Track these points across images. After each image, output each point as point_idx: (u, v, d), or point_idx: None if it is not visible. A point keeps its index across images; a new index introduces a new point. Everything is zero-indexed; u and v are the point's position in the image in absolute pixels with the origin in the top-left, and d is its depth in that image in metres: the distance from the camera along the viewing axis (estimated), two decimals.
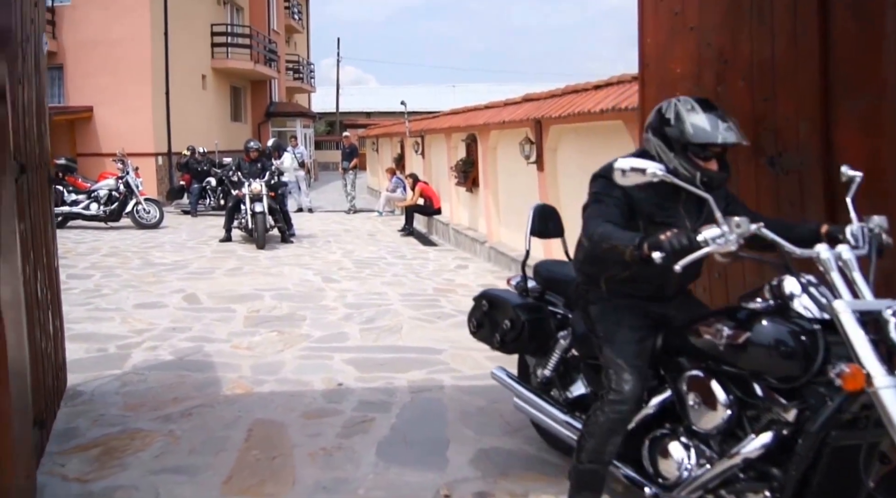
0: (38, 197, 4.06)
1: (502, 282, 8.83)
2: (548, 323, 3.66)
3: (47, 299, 4.15)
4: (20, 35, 3.60)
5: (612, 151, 6.88)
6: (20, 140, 3.53)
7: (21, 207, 3.48)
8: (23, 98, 3.64)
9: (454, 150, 12.89)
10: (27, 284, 3.50)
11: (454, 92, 53.03)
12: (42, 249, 4.09)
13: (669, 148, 2.80)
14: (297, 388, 4.89)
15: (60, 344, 4.54)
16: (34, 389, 3.46)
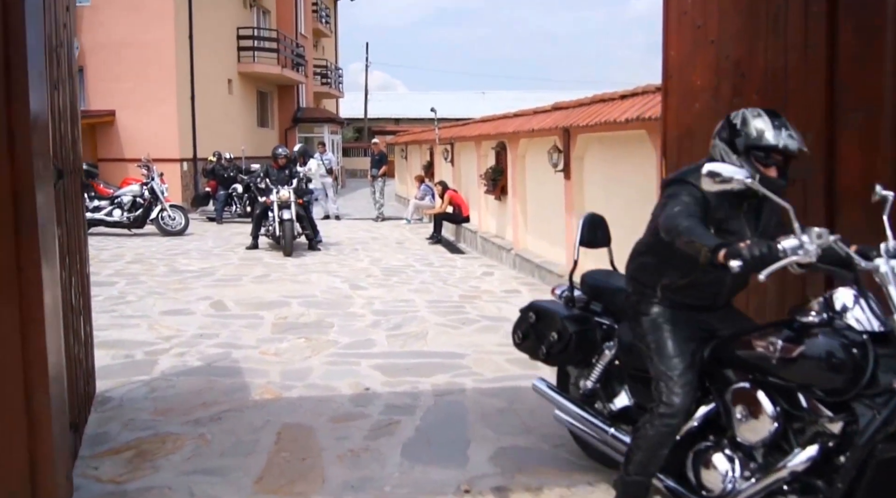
0: (73, 202, 4.28)
1: (526, 287, 9.18)
2: (594, 334, 3.72)
3: (80, 305, 4.35)
4: (54, 40, 3.81)
5: (635, 160, 7.11)
6: (57, 145, 3.75)
7: (58, 213, 3.69)
8: (58, 103, 3.85)
9: (484, 158, 13.07)
10: (63, 289, 3.70)
11: (483, 99, 53.38)
12: (76, 255, 4.30)
13: (733, 151, 2.92)
14: (324, 393, 5.06)
15: (91, 350, 4.74)
16: (68, 394, 3.66)
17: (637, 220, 7.02)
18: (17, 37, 2.87)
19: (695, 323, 3.09)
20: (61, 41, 4.01)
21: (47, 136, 3.31)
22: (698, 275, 2.96)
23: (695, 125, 5.23)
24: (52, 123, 3.63)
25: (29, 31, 2.93)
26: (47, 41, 3.52)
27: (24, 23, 2.89)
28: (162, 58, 19.69)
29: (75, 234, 4.30)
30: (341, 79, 40.12)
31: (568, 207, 8.82)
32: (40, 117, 3.13)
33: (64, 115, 4.09)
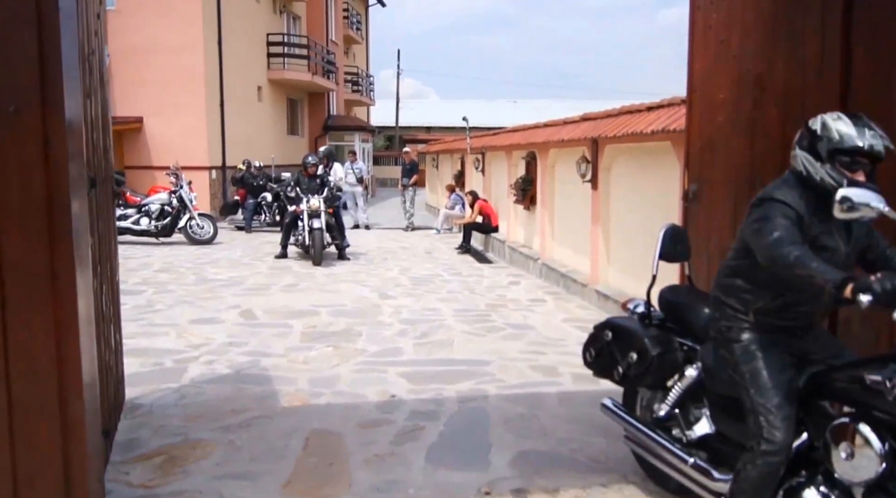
0: (105, 211, 4.46)
1: (551, 297, 9.29)
2: (676, 356, 3.57)
3: (110, 313, 4.52)
4: (87, 49, 3.98)
5: (660, 171, 7.21)
6: (90, 153, 3.91)
7: (91, 221, 3.85)
8: (90, 112, 4.02)
9: (514, 168, 13.20)
10: (95, 297, 3.86)
11: (515, 107, 53.65)
12: (107, 264, 4.47)
13: (817, 158, 2.85)
14: (352, 400, 5.20)
15: (120, 357, 4.92)
16: (100, 400, 3.81)
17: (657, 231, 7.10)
18: (53, 47, 3.02)
19: (787, 349, 3.00)
20: (93, 49, 4.19)
21: (81, 145, 3.47)
22: (792, 295, 2.89)
23: (716, 137, 5.34)
24: (86, 132, 3.80)
25: (64, 40, 3.08)
26: (80, 49, 3.70)
27: (60, 33, 3.04)
28: (190, 64, 19.94)
29: (106, 242, 4.48)
30: (372, 86, 40.44)
31: (594, 218, 8.91)
32: (75, 126, 3.28)
33: (96, 123, 4.26)
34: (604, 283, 8.71)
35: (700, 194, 5.60)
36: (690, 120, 5.83)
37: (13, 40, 2.96)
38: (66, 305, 3.08)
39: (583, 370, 5.90)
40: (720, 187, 5.31)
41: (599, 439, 4.51)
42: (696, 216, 5.67)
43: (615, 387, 5.45)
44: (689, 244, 3.93)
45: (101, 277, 4.14)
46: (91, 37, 4.19)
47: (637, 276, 7.94)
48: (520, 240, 12.91)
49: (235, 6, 22.00)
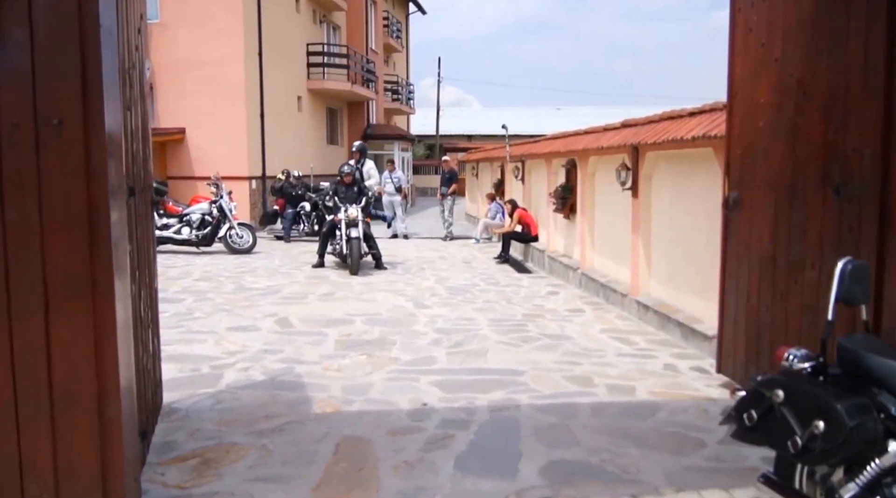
0: (143, 219, 4.65)
1: (590, 307, 9.34)
2: (877, 428, 2.81)
3: (148, 318, 4.71)
4: (127, 62, 4.18)
5: (701, 178, 7.25)
6: (129, 164, 4.11)
7: (130, 229, 4.04)
8: (130, 123, 4.22)
9: (554, 176, 13.26)
10: (133, 302, 4.04)
11: (558, 115, 53.75)
12: (146, 270, 4.66)
13: None
14: (384, 407, 5.32)
15: (158, 362, 5.10)
16: (137, 402, 3.99)
17: (702, 242, 7.18)
18: (94, 62, 3.20)
19: None
20: (133, 63, 4.38)
21: (121, 155, 3.65)
22: None
23: (758, 143, 5.38)
24: (125, 143, 3.99)
25: (104, 55, 3.26)
26: (120, 64, 3.89)
27: (100, 48, 3.22)
28: (231, 75, 20.38)
29: (145, 249, 4.66)
30: (412, 94, 40.76)
31: (635, 226, 8.95)
32: (115, 137, 3.46)
33: (136, 134, 4.45)
34: (644, 293, 8.74)
35: (741, 202, 5.65)
36: (731, 125, 5.88)
37: (57, 55, 3.15)
38: (104, 308, 3.25)
39: (618, 381, 6.03)
40: (761, 194, 5.35)
41: (631, 450, 4.56)
42: (737, 225, 5.71)
43: (651, 399, 5.56)
44: (869, 283, 3.24)
45: (139, 282, 4.33)
46: (132, 51, 4.39)
47: (678, 287, 7.97)
48: (559, 249, 12.97)
49: (276, 17, 22.41)
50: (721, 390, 5.70)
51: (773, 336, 5.12)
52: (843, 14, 4.45)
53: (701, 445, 4.64)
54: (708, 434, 4.81)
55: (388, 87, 36.13)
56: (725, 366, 5.81)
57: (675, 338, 7.50)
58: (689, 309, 7.63)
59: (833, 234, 4.50)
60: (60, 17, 3.18)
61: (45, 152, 3.16)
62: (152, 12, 20.86)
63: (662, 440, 4.72)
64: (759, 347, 5.29)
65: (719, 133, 6.34)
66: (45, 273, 3.17)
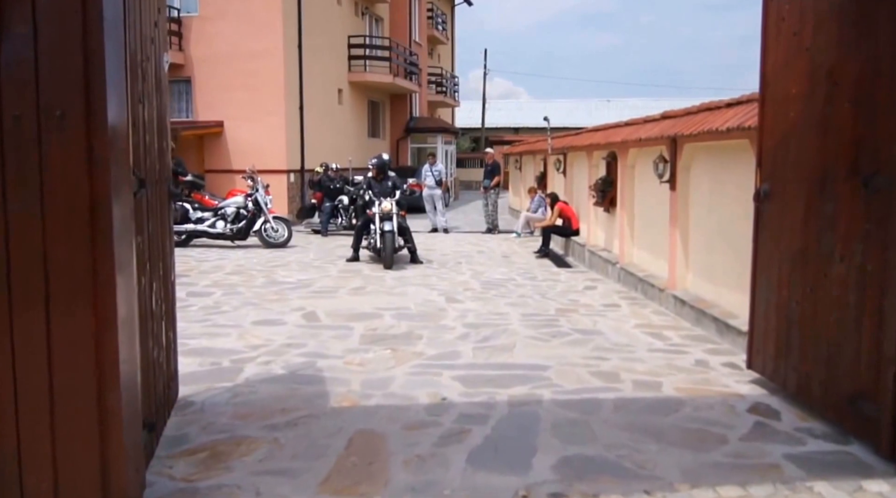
0: (157, 211, 4.72)
1: (627, 302, 9.40)
2: None
3: (162, 311, 4.78)
4: (140, 55, 4.26)
5: (738, 171, 7.15)
6: (140, 156, 4.18)
7: (140, 221, 4.11)
8: (143, 116, 4.29)
9: (595, 169, 13.18)
10: (142, 295, 4.12)
11: (608, 107, 53.32)
12: (159, 263, 4.73)
13: None
14: (402, 402, 5.35)
15: (173, 355, 5.17)
16: (144, 394, 4.07)
17: (739, 235, 7.07)
18: (97, 56, 3.26)
19: None
20: (147, 56, 4.46)
21: (126, 149, 3.72)
22: None
23: (789, 134, 5.30)
24: (136, 135, 4.07)
25: (108, 49, 3.32)
26: (131, 57, 3.96)
27: (103, 40, 3.28)
28: (270, 68, 20.61)
29: (159, 242, 4.73)
30: (457, 87, 40.80)
31: (672, 220, 8.85)
32: (119, 131, 3.52)
33: (150, 127, 4.52)
34: (682, 288, 8.65)
35: (772, 194, 5.56)
36: (763, 116, 5.80)
37: (59, 47, 3.22)
38: (105, 302, 3.32)
39: (645, 377, 5.99)
40: (792, 187, 5.26)
41: (650, 446, 4.51)
42: (768, 218, 5.62)
43: (677, 395, 5.50)
44: None
45: (150, 275, 4.40)
46: (146, 44, 4.46)
47: (714, 281, 7.86)
48: (600, 243, 12.88)
49: (316, 10, 22.59)
50: (751, 387, 5.62)
51: (803, 331, 5.04)
52: (873, 2, 4.36)
53: (722, 441, 4.58)
54: (731, 430, 4.75)
55: (432, 80, 36.19)
56: (756, 362, 5.72)
57: (710, 333, 7.41)
58: (725, 303, 7.53)
59: (861, 227, 4.42)
60: (63, 9, 3.24)
61: (47, 145, 3.23)
62: (192, 6, 21.25)
63: (683, 436, 4.67)
64: (790, 342, 5.20)
65: (753, 124, 6.25)
66: (46, 266, 3.25)
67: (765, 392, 5.49)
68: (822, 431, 4.75)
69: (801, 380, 5.07)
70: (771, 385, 5.53)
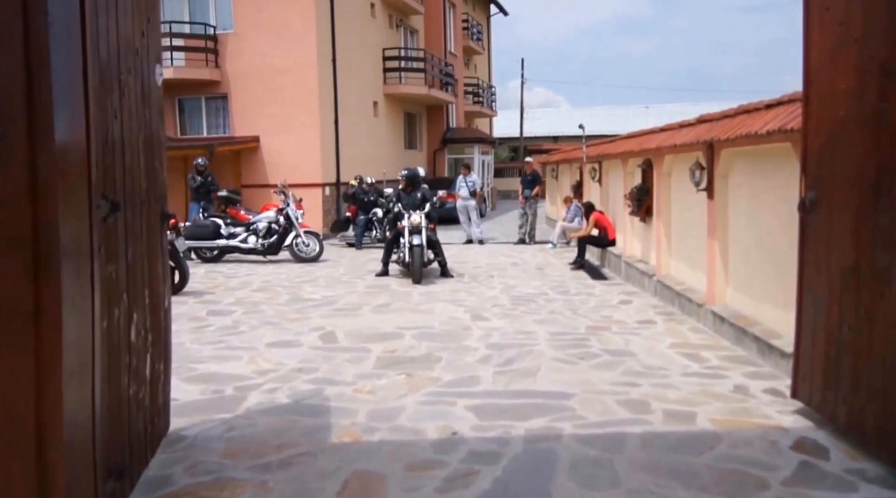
0: (141, 235, 4.27)
1: (662, 317, 8.87)
2: None
3: (146, 343, 4.33)
4: (117, 67, 3.84)
5: (781, 177, 6.53)
6: (114, 176, 3.74)
7: (113, 248, 3.68)
8: (119, 132, 3.85)
9: (630, 177, 12.58)
10: (114, 329, 3.69)
11: (647, 113, 52.46)
12: (143, 291, 4.28)
13: None
14: (408, 437, 4.84)
15: (162, 388, 4.72)
16: (113, 437, 3.64)
17: (782, 247, 6.46)
18: (42, 68, 2.82)
19: None
20: (129, 68, 4.04)
21: (85, 170, 3.28)
22: None
23: (837, 135, 4.71)
24: (109, 154, 3.64)
25: (57, 60, 2.89)
26: (101, 68, 3.55)
27: (49, 53, 2.85)
28: (304, 82, 20.32)
29: (143, 269, 4.29)
30: (494, 97, 40.33)
31: (710, 230, 8.24)
32: (72, 150, 3.08)
33: (131, 144, 4.08)
34: (721, 303, 8.04)
35: (818, 203, 4.97)
36: (807, 116, 5.20)
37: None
38: (48, 342, 2.87)
39: (677, 407, 5.40)
40: (842, 194, 4.67)
41: (679, 493, 3.94)
42: (815, 229, 5.03)
43: (712, 428, 4.92)
44: None
45: (127, 306, 3.97)
46: (126, 55, 4.03)
47: (756, 296, 7.25)
48: (636, 254, 12.26)
49: (350, 23, 22.32)
50: (795, 418, 5.01)
51: (856, 359, 4.42)
52: None
53: (762, 486, 3.99)
54: (772, 472, 4.15)
55: (468, 90, 35.78)
56: (801, 390, 5.11)
57: (751, 354, 6.80)
58: (767, 321, 6.92)
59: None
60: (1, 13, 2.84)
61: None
62: (227, 23, 21.13)
63: (718, 480, 4.08)
64: (839, 370, 4.60)
65: (796, 126, 5.65)
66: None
67: (811, 425, 4.88)
68: (875, 473, 4.13)
69: (853, 413, 4.46)
70: (818, 417, 4.91)
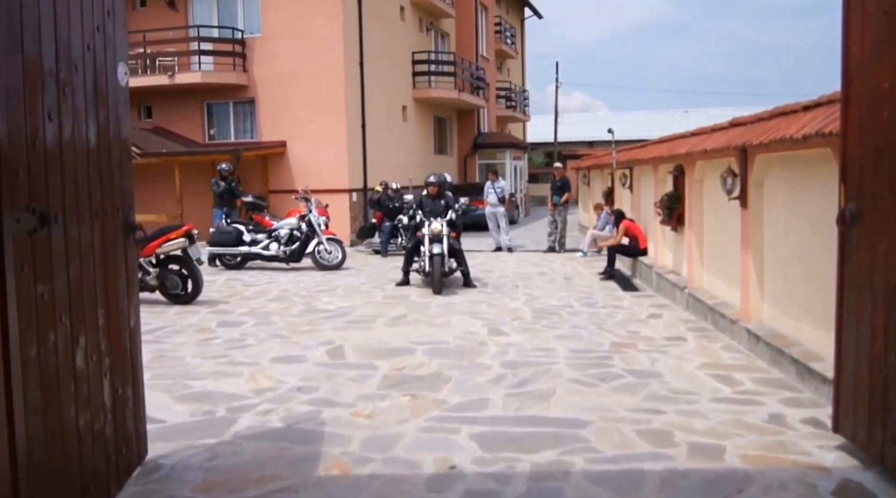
0: (91, 250, 3.82)
1: (694, 334, 8.29)
2: None
3: (101, 367, 3.89)
4: (54, 63, 3.42)
5: (820, 185, 5.95)
6: (45, 185, 3.31)
7: (44, 266, 3.25)
8: (56, 135, 3.43)
9: (661, 184, 12.02)
10: (49, 355, 3.27)
11: (686, 118, 51.49)
12: (95, 312, 3.84)
13: None
14: (402, 470, 4.37)
15: (134, 414, 4.29)
16: (52, 480, 3.24)
17: (819, 261, 5.90)
18: None
19: None
20: (75, 64, 3.63)
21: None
22: None
23: (882, 140, 4.18)
24: (38, 160, 3.22)
25: None
26: (29, 64, 3.14)
27: None
28: (331, 87, 20.00)
29: (93, 286, 3.83)
30: (527, 101, 39.75)
31: (744, 241, 7.67)
32: None
33: (74, 149, 3.62)
34: (756, 320, 7.47)
35: (860, 215, 4.43)
36: (847, 118, 4.65)
37: None
38: None
39: (704, 439, 4.85)
40: (887, 206, 4.12)
41: None
42: (856, 245, 4.49)
43: (742, 466, 4.40)
44: None
45: (71, 329, 3.52)
46: (70, 50, 3.59)
47: (794, 314, 6.69)
48: (668, 265, 11.69)
49: (379, 27, 21.99)
50: (837, 456, 4.47)
51: None
52: None
53: None
54: None
55: (500, 95, 35.27)
56: (844, 425, 4.56)
57: (789, 377, 6.25)
58: (807, 341, 6.35)
59: None
60: None
61: None
62: (255, 26, 20.91)
63: None
64: (888, 404, 4.05)
65: (835, 129, 5.11)
66: None
67: (856, 464, 4.33)
68: None
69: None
70: (863, 455, 4.37)
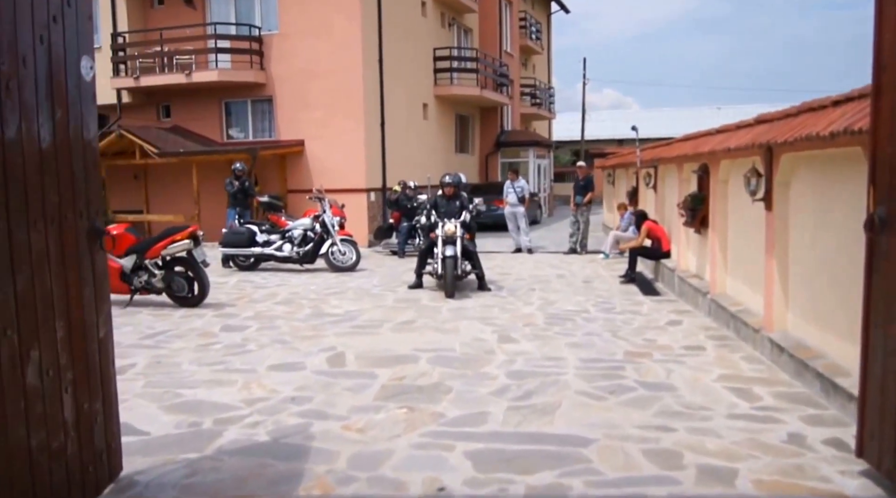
0: (47, 258, 3.57)
1: (714, 343, 7.93)
2: None
3: (60, 383, 3.63)
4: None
5: (851, 187, 5.57)
6: None
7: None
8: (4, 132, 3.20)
9: (686, 184, 11.63)
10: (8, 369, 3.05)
11: (718, 115, 50.75)
12: (52, 323, 3.59)
13: None
14: (386, 491, 4.10)
15: (105, 429, 4.04)
16: None
17: (849, 269, 5.54)
18: None
19: None
20: (22, 58, 3.36)
21: None
22: None
23: None
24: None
25: None
26: None
27: None
28: (349, 85, 19.76)
29: (48, 296, 3.57)
30: (552, 99, 39.30)
31: (769, 246, 7.31)
32: None
33: (25, 149, 3.38)
34: (780, 329, 7.11)
35: (891, 220, 4.10)
36: (878, 113, 4.30)
37: None
38: None
39: (715, 461, 4.51)
40: None
41: None
42: (886, 252, 4.16)
43: (755, 494, 4.07)
44: None
45: (20, 342, 3.27)
46: (24, 39, 3.37)
47: (820, 324, 6.32)
48: (690, 269, 11.32)
49: (399, 23, 21.72)
50: (861, 483, 4.12)
51: None
52: None
53: None
54: None
55: (525, 92, 34.84)
56: (869, 450, 4.22)
57: (813, 392, 5.90)
58: (833, 354, 6.00)
59: None
60: None
61: None
62: (272, 24, 20.77)
63: None
64: None
65: (865, 126, 4.76)
66: None
67: (881, 494, 3.99)
68: None
69: None
70: (888, 483, 4.03)
